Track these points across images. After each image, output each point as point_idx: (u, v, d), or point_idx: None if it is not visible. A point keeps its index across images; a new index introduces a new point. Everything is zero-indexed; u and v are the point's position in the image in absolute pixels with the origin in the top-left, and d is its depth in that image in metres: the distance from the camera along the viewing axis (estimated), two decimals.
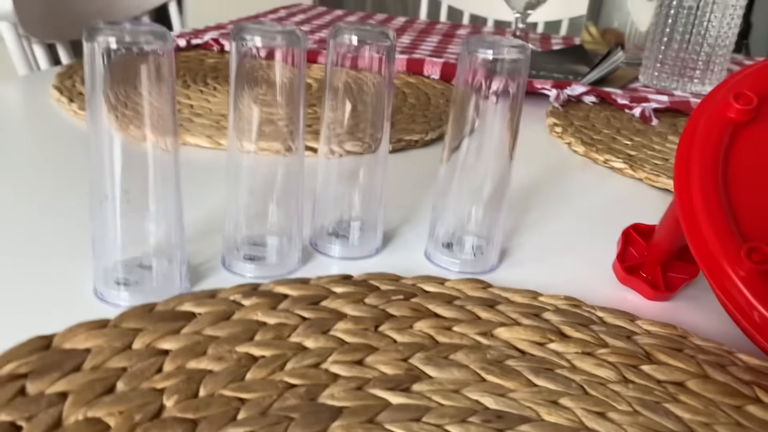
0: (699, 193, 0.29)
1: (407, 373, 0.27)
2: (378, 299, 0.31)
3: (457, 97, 0.35)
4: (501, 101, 0.34)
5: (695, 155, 0.30)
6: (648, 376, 0.28)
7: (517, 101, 0.34)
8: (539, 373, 0.27)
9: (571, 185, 0.51)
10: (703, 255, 0.28)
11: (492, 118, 0.35)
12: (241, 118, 0.32)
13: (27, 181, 0.43)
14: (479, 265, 0.37)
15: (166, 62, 0.28)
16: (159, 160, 0.30)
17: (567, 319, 0.31)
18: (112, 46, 0.26)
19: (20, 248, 0.35)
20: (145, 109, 0.28)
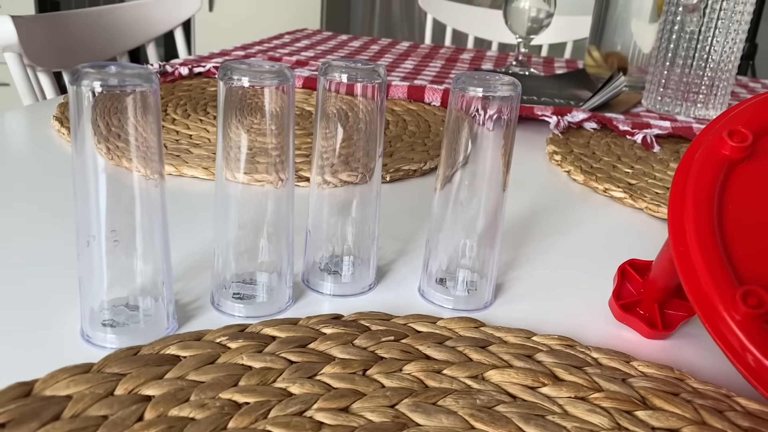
0: (693, 233, 0.29)
1: (394, 420, 0.26)
2: (368, 341, 0.31)
3: (450, 129, 0.35)
4: (493, 134, 0.34)
5: (689, 193, 0.30)
6: (642, 423, 0.27)
7: (509, 135, 0.34)
8: (530, 420, 0.27)
9: (570, 215, 0.51)
10: (697, 297, 0.27)
11: (485, 151, 0.35)
12: (231, 147, 0.32)
13: (21, 214, 0.43)
14: (473, 302, 0.37)
15: (152, 100, 0.28)
16: (146, 196, 0.30)
17: (560, 360, 0.31)
18: (97, 89, 0.26)
19: (7, 285, 0.35)
20: (131, 146, 0.28)
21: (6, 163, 0.53)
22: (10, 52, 0.77)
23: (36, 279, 0.36)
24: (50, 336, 0.31)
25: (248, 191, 0.33)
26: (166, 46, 2.21)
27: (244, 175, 0.32)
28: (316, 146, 0.36)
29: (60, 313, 0.33)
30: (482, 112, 0.33)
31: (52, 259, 0.38)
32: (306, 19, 2.23)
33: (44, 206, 0.45)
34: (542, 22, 0.99)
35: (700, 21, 0.81)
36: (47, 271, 0.36)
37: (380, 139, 0.36)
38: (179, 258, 0.39)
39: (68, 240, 0.40)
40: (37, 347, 0.30)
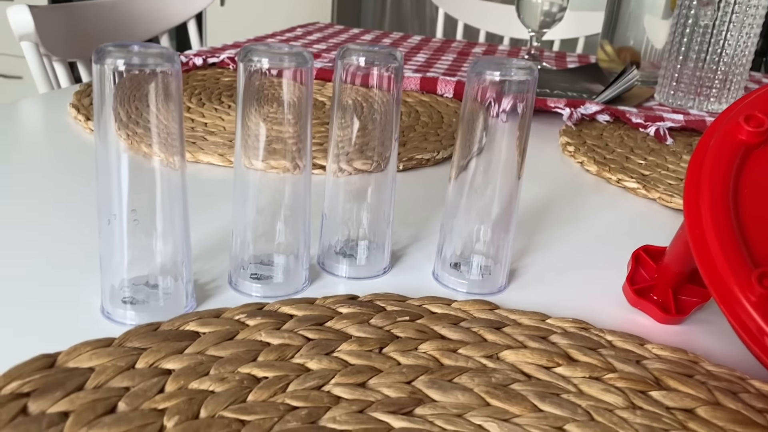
0: (709, 216, 0.29)
1: (410, 396, 0.26)
2: (383, 320, 0.31)
3: (465, 117, 0.35)
4: (509, 121, 0.34)
5: (705, 178, 0.30)
6: (657, 403, 0.27)
7: (525, 121, 0.34)
8: (545, 398, 0.27)
9: (583, 205, 0.51)
10: (713, 280, 0.27)
11: (500, 138, 0.35)
12: (249, 135, 0.32)
13: (40, 197, 0.44)
14: (487, 286, 0.37)
15: (173, 82, 0.28)
16: (166, 179, 0.30)
17: (575, 342, 0.31)
18: (120, 68, 0.27)
19: (31, 264, 0.35)
20: (153, 128, 0.29)
21: (24, 149, 0.53)
22: (27, 41, 0.78)
23: (58, 259, 0.36)
24: (71, 312, 0.31)
25: (266, 177, 0.33)
26: (179, 39, 2.22)
27: (262, 162, 0.33)
28: (332, 135, 0.37)
29: (81, 290, 0.33)
30: (498, 98, 0.33)
31: (73, 240, 0.38)
32: (317, 15, 2.23)
33: (64, 189, 0.46)
34: (555, 16, 0.99)
35: (714, 15, 0.81)
36: (69, 251, 0.37)
37: (396, 124, 0.36)
38: (197, 240, 0.39)
39: (89, 221, 0.40)
40: (59, 322, 0.31)
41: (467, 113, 0.35)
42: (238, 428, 0.24)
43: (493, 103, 0.34)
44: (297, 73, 0.31)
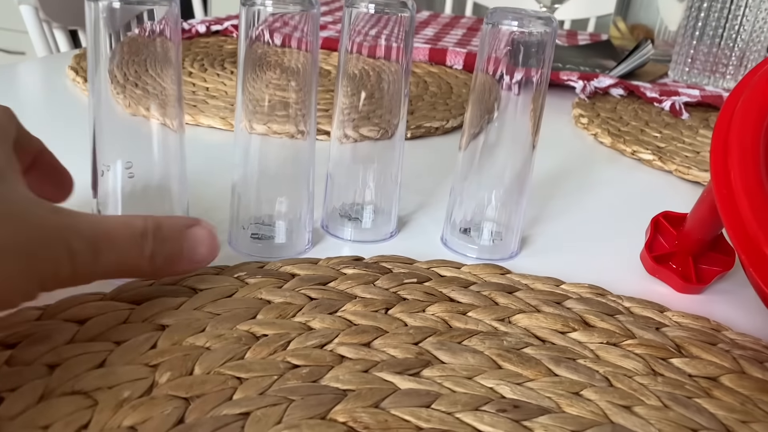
0: (738, 175, 0.27)
1: (418, 357, 0.25)
2: (390, 282, 0.30)
3: (478, 78, 0.33)
4: (525, 83, 0.33)
5: (734, 136, 0.28)
6: (678, 370, 0.26)
7: (542, 81, 0.32)
8: (560, 363, 0.25)
9: (597, 177, 0.49)
10: (741, 241, 0.26)
11: (515, 101, 0.33)
12: (251, 97, 0.31)
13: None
14: (498, 251, 0.35)
15: (171, 24, 0.27)
16: (163, 136, 0.29)
17: (591, 308, 0.29)
18: (115, 4, 0.25)
19: None
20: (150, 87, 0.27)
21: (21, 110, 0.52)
22: (26, 5, 0.76)
23: None
24: None
25: (268, 140, 0.32)
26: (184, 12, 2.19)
27: (264, 126, 0.31)
28: (337, 102, 0.35)
29: None
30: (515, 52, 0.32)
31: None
32: None
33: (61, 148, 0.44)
34: None
35: None
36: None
37: (406, 81, 0.34)
38: (194, 201, 0.37)
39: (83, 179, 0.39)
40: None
41: (481, 73, 0.33)
42: (234, 386, 0.22)
43: (509, 59, 0.32)
44: (302, 19, 0.29)
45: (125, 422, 0.20)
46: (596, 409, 0.23)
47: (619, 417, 0.23)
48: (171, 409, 0.21)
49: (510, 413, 0.22)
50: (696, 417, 0.23)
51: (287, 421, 0.21)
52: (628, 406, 0.24)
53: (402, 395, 0.23)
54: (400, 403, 0.22)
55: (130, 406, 0.21)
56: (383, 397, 0.23)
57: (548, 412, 0.23)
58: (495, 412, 0.22)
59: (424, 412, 0.22)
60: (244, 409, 0.21)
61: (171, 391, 0.22)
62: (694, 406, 0.24)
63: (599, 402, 0.24)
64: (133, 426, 0.20)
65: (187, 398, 0.21)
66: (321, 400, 0.22)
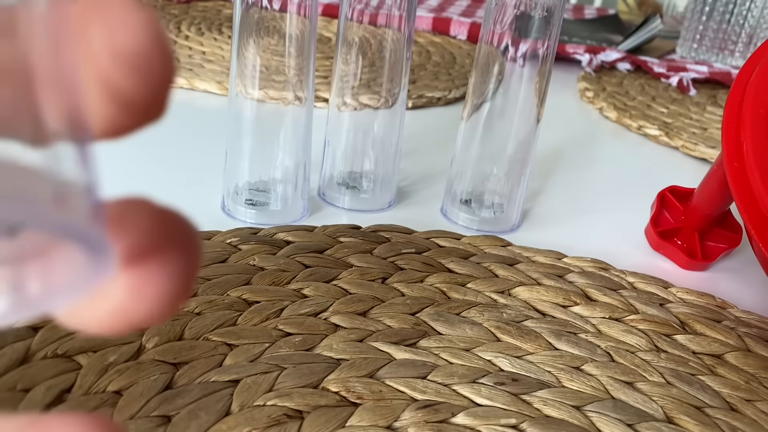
0: (751, 147, 0.26)
1: (414, 328, 0.24)
2: (387, 251, 0.29)
3: (483, 49, 0.32)
4: (530, 55, 0.31)
5: (747, 107, 0.27)
6: (682, 347, 0.25)
7: (549, 53, 0.31)
8: (561, 337, 0.25)
9: (601, 151, 0.48)
10: (752, 215, 0.25)
11: (520, 73, 0.32)
12: (247, 62, 0.30)
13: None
14: (499, 224, 0.34)
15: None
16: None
17: (593, 282, 0.29)
18: None
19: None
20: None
21: None
22: None
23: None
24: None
25: (264, 105, 0.31)
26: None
27: (260, 91, 0.30)
28: (336, 70, 0.34)
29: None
30: (524, 16, 0.30)
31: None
32: None
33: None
34: None
35: None
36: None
37: (408, 51, 0.33)
38: (187, 169, 0.36)
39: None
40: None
41: (485, 42, 0.32)
42: (225, 352, 0.22)
43: (516, 26, 0.31)
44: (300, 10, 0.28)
45: (110, 387, 0.19)
46: (597, 384, 0.23)
47: (621, 393, 0.22)
48: (158, 375, 0.20)
49: (508, 386, 0.22)
50: (699, 394, 0.23)
51: (278, 389, 0.20)
52: (630, 382, 0.23)
53: (397, 365, 0.22)
54: (396, 374, 0.22)
55: (116, 370, 0.20)
56: (378, 367, 0.22)
57: (548, 386, 0.22)
58: (493, 385, 0.22)
59: (420, 383, 0.21)
60: (234, 376, 0.20)
61: (158, 357, 0.21)
62: (697, 383, 0.23)
63: (600, 377, 0.23)
64: (118, 391, 0.19)
65: (175, 364, 0.21)
66: (313, 369, 0.21)
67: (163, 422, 0.19)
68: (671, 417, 0.22)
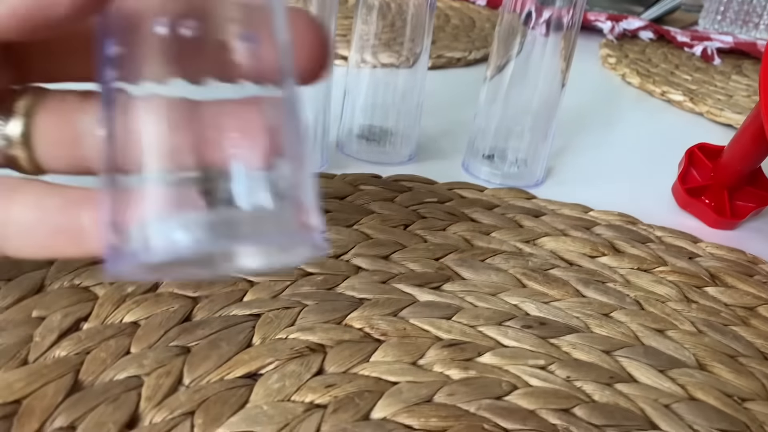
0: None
1: (438, 272, 0.23)
2: (409, 200, 0.28)
3: (505, 17, 0.31)
4: (554, 21, 0.30)
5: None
6: (713, 299, 0.24)
7: (575, 20, 0.30)
8: (589, 284, 0.24)
9: (625, 116, 0.47)
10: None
11: (543, 40, 0.31)
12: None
13: None
14: (522, 178, 0.33)
15: None
16: None
17: (621, 234, 0.28)
18: None
19: None
20: None
21: None
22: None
23: None
24: None
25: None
26: None
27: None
28: (356, 29, 0.33)
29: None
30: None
31: None
32: None
33: None
34: None
35: None
36: None
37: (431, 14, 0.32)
38: None
39: None
40: None
41: (507, 16, 0.31)
42: (245, 288, 0.21)
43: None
44: None
45: (128, 317, 0.19)
46: (627, 331, 0.22)
47: (652, 340, 0.22)
48: (177, 307, 0.20)
49: (536, 330, 0.21)
50: (733, 344, 0.22)
51: (300, 324, 0.20)
52: (660, 329, 0.22)
53: (422, 306, 0.21)
54: (420, 314, 0.21)
55: (134, 301, 0.19)
56: (401, 307, 0.21)
57: (576, 331, 0.21)
58: (520, 328, 0.21)
59: (445, 323, 0.21)
60: (255, 311, 0.20)
61: (178, 290, 0.20)
62: (730, 333, 0.22)
63: (630, 324, 0.22)
64: (135, 321, 0.19)
65: (195, 297, 0.20)
66: (336, 306, 0.21)
67: (182, 352, 0.18)
68: (704, 364, 0.21)
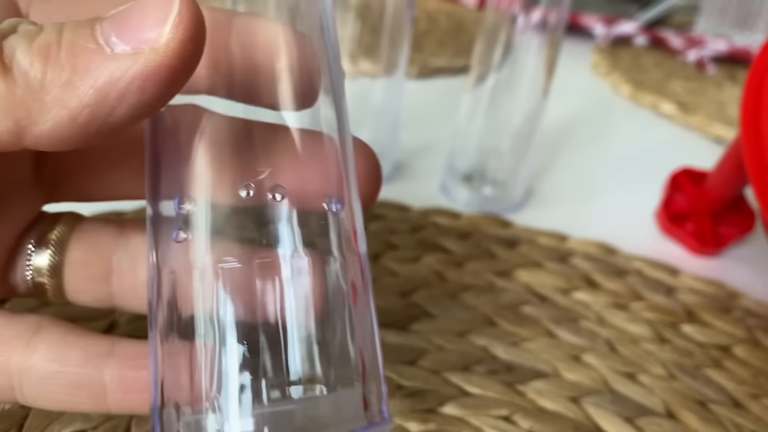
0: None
1: (406, 310, 0.23)
2: (381, 228, 0.27)
3: (490, 15, 0.30)
4: (540, 23, 0.30)
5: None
6: (687, 338, 0.24)
7: (560, 21, 0.29)
8: (561, 323, 0.23)
9: (613, 129, 0.46)
10: (766, 195, 0.23)
11: (528, 42, 0.30)
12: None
13: None
14: (501, 201, 0.33)
15: None
16: None
17: (598, 266, 0.27)
18: None
19: None
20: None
21: None
22: None
23: None
24: None
25: None
26: None
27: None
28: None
29: None
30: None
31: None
32: None
33: None
34: None
35: None
36: None
37: (410, 14, 0.31)
38: None
39: None
40: None
41: (493, 8, 0.30)
42: None
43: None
44: None
45: None
46: (596, 375, 0.21)
47: (621, 385, 0.21)
48: None
49: (502, 375, 0.21)
50: (703, 388, 0.21)
51: None
52: (631, 373, 0.22)
53: (386, 350, 0.21)
54: (384, 359, 0.20)
55: None
56: None
57: (544, 376, 0.21)
58: (486, 373, 0.21)
59: (407, 370, 0.20)
60: None
61: None
62: (702, 376, 0.22)
63: (600, 368, 0.22)
64: None
65: None
66: None
67: None
68: (672, 412, 0.20)
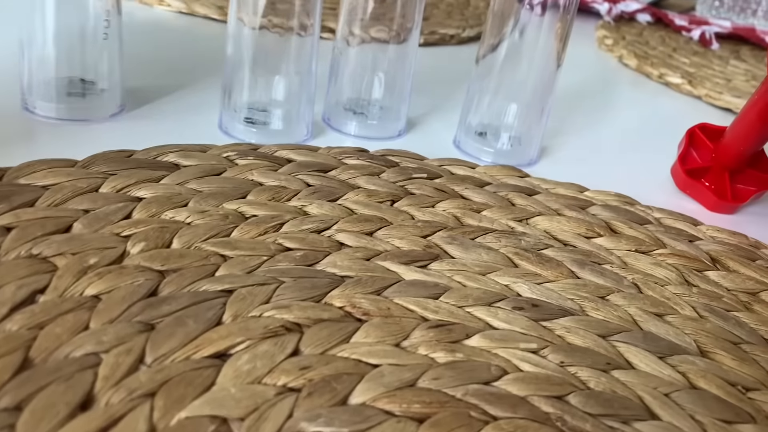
0: None
1: (426, 250, 0.22)
2: (397, 175, 0.27)
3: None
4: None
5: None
6: (715, 283, 0.23)
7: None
8: (584, 266, 0.23)
9: (621, 98, 0.45)
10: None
11: (538, 19, 0.30)
12: None
13: None
14: (516, 157, 0.32)
15: None
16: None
17: (618, 215, 0.27)
18: None
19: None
20: None
21: None
22: None
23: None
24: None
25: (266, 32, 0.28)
26: None
27: (263, 18, 0.28)
28: (344, 2, 0.31)
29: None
30: None
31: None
32: None
33: None
34: None
35: None
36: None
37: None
38: (186, 90, 0.34)
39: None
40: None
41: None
42: (217, 262, 0.19)
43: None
44: None
45: (89, 290, 0.17)
46: (624, 315, 0.21)
47: (651, 325, 0.20)
48: (143, 281, 0.18)
49: (527, 311, 0.20)
50: (735, 330, 0.21)
51: (276, 301, 0.18)
52: (660, 314, 0.21)
53: (407, 285, 0.20)
54: (405, 293, 0.20)
55: (96, 273, 0.18)
56: (386, 285, 0.20)
57: (570, 314, 0.20)
58: (511, 310, 0.20)
59: (431, 303, 0.19)
60: (227, 286, 0.18)
61: (144, 263, 0.19)
62: (733, 318, 0.21)
63: (628, 308, 0.21)
64: (97, 295, 0.17)
65: (162, 271, 0.19)
66: (316, 284, 0.19)
67: (145, 329, 0.17)
68: (706, 351, 0.20)
